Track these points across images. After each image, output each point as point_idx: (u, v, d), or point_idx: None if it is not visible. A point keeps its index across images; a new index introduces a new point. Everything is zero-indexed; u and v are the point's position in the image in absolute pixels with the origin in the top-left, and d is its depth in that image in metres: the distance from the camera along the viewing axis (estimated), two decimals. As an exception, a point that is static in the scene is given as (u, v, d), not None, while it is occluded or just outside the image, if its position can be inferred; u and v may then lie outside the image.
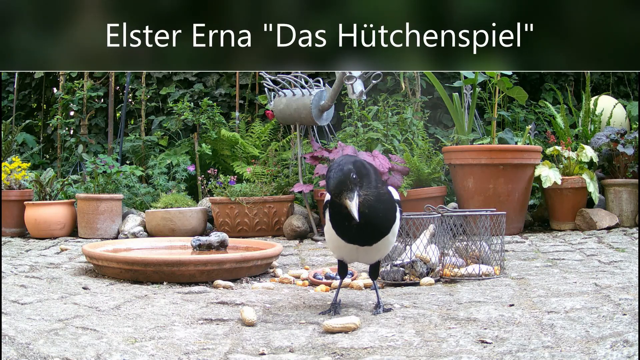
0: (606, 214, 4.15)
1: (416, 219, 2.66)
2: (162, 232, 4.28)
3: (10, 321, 1.82)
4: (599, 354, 1.45)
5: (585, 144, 4.44)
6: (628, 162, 4.28)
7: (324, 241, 4.01)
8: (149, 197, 4.77)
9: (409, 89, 5.16)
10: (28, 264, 3.08)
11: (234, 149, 5.25)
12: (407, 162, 4.18)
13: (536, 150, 4.10)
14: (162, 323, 1.92)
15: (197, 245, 3.14)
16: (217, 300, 2.27)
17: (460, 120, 4.40)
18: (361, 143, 4.51)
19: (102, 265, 2.78)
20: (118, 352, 1.55)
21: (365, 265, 3.03)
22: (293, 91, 4.31)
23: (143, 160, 5.40)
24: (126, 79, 5.63)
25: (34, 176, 4.58)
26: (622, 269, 2.61)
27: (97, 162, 4.57)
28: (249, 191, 4.36)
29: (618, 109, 4.95)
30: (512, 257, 3.09)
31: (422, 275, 2.54)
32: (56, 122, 5.60)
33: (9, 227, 4.50)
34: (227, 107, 6.09)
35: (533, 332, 1.68)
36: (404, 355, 1.54)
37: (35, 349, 1.55)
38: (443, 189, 4.21)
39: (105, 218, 4.37)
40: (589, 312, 1.85)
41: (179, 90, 6.13)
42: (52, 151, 6.59)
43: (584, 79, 5.50)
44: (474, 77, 4.19)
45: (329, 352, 1.59)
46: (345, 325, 1.77)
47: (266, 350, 1.61)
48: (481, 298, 2.16)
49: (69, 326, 1.83)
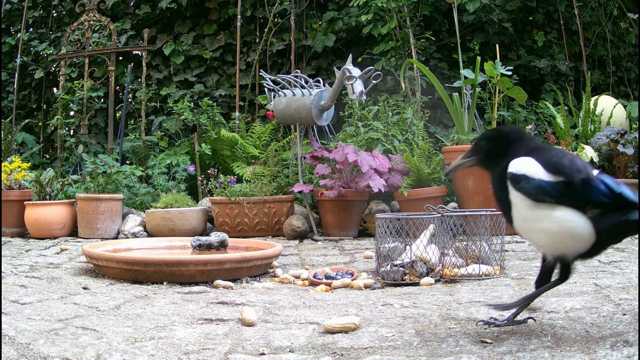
0: (606, 214, 4.14)
1: (416, 219, 2.66)
2: (162, 232, 4.28)
3: (10, 321, 1.82)
4: (599, 354, 1.44)
5: (586, 144, 4.44)
6: (628, 162, 4.27)
7: (324, 241, 4.01)
8: (149, 197, 4.77)
9: (409, 89, 5.16)
10: (28, 264, 3.08)
11: (234, 149, 5.25)
12: (407, 162, 4.18)
13: (536, 150, 4.10)
14: (162, 323, 1.92)
15: (197, 245, 3.14)
16: (217, 300, 2.27)
17: (460, 120, 4.40)
18: (361, 143, 4.51)
19: (102, 265, 2.78)
20: (118, 352, 1.55)
21: (365, 265, 3.03)
22: (293, 91, 4.31)
23: (143, 160, 5.40)
24: (126, 79, 5.63)
25: (34, 176, 4.58)
26: (622, 269, 2.61)
27: (97, 162, 4.57)
28: (249, 191, 4.36)
29: (618, 109, 4.95)
30: (512, 257, 3.09)
31: (422, 275, 2.54)
32: (56, 122, 5.60)
33: (9, 227, 4.50)
34: (227, 108, 6.09)
35: (533, 332, 1.68)
36: (404, 355, 1.54)
37: (35, 349, 1.55)
38: (443, 189, 4.21)
39: (105, 218, 4.37)
40: (589, 312, 1.85)
41: (179, 91, 6.14)
42: (52, 151, 6.59)
43: (584, 79, 5.50)
44: (474, 77, 4.18)
45: (329, 352, 1.59)
46: (345, 325, 1.77)
47: (266, 350, 1.61)
48: (481, 298, 2.16)
49: (69, 326, 1.83)
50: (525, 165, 1.60)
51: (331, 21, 5.93)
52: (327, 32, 5.91)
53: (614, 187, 1.55)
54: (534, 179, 1.57)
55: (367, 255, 3.26)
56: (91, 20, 5.83)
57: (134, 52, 6.39)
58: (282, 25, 6.13)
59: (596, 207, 1.55)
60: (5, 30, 7.05)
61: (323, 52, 5.97)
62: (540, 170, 1.58)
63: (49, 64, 6.75)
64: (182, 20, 6.40)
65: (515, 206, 1.62)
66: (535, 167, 1.59)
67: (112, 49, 5.75)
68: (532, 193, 1.57)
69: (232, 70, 6.20)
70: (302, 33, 6.11)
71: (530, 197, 1.57)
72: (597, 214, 1.54)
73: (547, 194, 1.56)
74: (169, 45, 6.20)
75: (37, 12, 6.94)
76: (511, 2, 5.78)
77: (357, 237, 4.16)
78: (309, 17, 6.16)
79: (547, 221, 1.56)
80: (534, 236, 1.63)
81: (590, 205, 1.54)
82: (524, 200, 1.59)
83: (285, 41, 6.08)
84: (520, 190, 1.59)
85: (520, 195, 1.59)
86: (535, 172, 1.58)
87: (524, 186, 1.58)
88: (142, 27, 6.19)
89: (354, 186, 4.06)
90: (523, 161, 1.61)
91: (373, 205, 4.35)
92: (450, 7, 5.37)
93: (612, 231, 1.55)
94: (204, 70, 6.27)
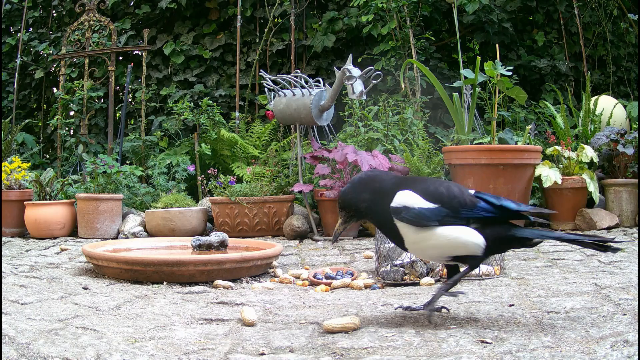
0: (606, 214, 4.15)
1: (416, 219, 2.66)
2: (162, 232, 4.28)
3: (10, 321, 1.82)
4: (599, 354, 1.44)
5: (585, 144, 4.44)
6: (628, 162, 4.28)
7: (324, 241, 4.01)
8: (149, 197, 4.77)
9: (409, 89, 5.16)
10: (28, 264, 3.08)
11: (234, 149, 5.25)
12: (407, 162, 4.18)
13: (536, 150, 4.10)
14: (162, 323, 1.92)
15: (197, 245, 3.14)
16: (217, 300, 2.27)
17: (460, 120, 4.40)
18: (361, 143, 4.51)
19: (102, 265, 2.78)
20: (118, 352, 1.55)
21: (365, 265, 3.03)
22: (293, 91, 4.31)
23: (143, 160, 5.40)
24: (126, 79, 5.64)
25: (34, 176, 4.58)
26: (622, 269, 2.61)
27: (97, 162, 4.57)
28: (249, 191, 4.36)
29: (618, 109, 4.95)
30: (512, 257, 3.09)
31: (422, 275, 2.54)
32: (56, 122, 5.60)
33: (9, 227, 4.50)
34: (227, 108, 6.09)
35: (533, 332, 1.68)
36: (404, 355, 1.54)
37: (35, 349, 1.55)
38: (443, 189, 4.20)
39: (105, 218, 4.37)
40: (589, 312, 1.85)
41: (179, 91, 6.14)
42: (52, 151, 6.59)
43: (584, 79, 5.50)
44: (474, 77, 4.18)
45: (329, 352, 1.59)
46: (345, 325, 1.77)
47: (266, 350, 1.61)
48: (481, 298, 2.16)
49: (69, 326, 1.83)
50: (404, 198, 1.81)
51: (331, 21, 5.93)
52: (327, 32, 5.91)
53: (495, 202, 1.82)
54: (414, 208, 1.79)
55: (367, 255, 3.26)
56: (91, 20, 5.83)
57: (134, 52, 6.40)
58: (282, 25, 6.13)
59: (479, 222, 1.80)
60: (5, 30, 7.05)
61: (323, 52, 5.98)
62: (419, 200, 1.80)
63: (49, 64, 6.75)
64: (182, 20, 6.41)
65: (404, 235, 1.83)
66: (413, 197, 1.80)
67: (112, 49, 5.75)
68: (414, 220, 1.79)
69: (232, 70, 6.20)
70: (302, 33, 6.11)
71: (412, 223, 1.79)
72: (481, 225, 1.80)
73: (429, 218, 1.78)
74: (169, 45, 6.21)
75: (37, 12, 6.94)
76: (511, 3, 5.78)
77: (357, 237, 4.16)
78: (309, 17, 6.16)
79: (435, 238, 1.79)
80: (427, 252, 1.86)
81: (472, 220, 1.80)
82: (409, 227, 1.80)
83: (285, 41, 6.08)
84: (403, 220, 1.80)
85: (404, 224, 1.80)
86: (415, 202, 1.79)
87: (405, 215, 1.79)
88: (142, 27, 6.19)
89: (354, 186, 4.06)
90: (402, 195, 1.81)
91: (373, 205, 4.34)
92: (450, 7, 5.37)
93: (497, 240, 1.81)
94: (204, 70, 6.27)
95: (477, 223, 1.80)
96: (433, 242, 1.79)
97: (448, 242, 1.79)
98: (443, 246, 1.80)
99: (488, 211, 1.79)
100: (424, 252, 1.86)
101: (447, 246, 1.79)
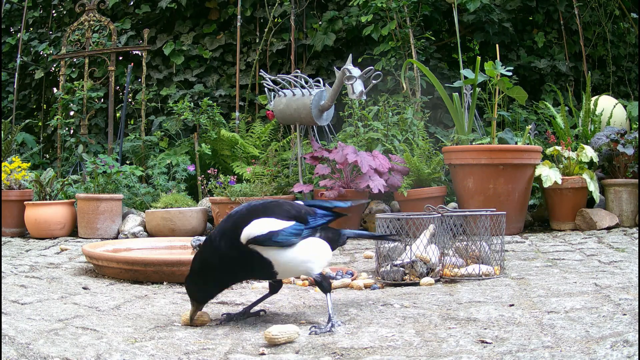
0: (606, 214, 4.15)
1: (416, 219, 2.66)
2: (162, 232, 4.28)
3: (10, 321, 1.82)
4: (599, 354, 1.44)
5: (586, 144, 4.44)
6: (628, 162, 4.27)
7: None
8: (149, 197, 4.77)
9: (409, 89, 5.16)
10: (28, 264, 3.08)
11: (234, 149, 5.25)
12: (407, 162, 4.18)
13: (536, 150, 4.10)
14: (162, 323, 1.92)
15: (197, 245, 3.14)
16: (216, 300, 2.27)
17: (460, 120, 4.40)
18: (361, 143, 4.51)
19: (102, 265, 2.78)
20: (118, 352, 1.55)
21: (365, 265, 3.03)
22: (293, 91, 4.31)
23: (143, 160, 5.40)
24: (126, 79, 5.63)
25: (34, 176, 4.58)
26: (622, 269, 2.61)
27: (97, 162, 4.57)
28: (249, 191, 4.36)
29: (618, 109, 4.95)
30: (512, 257, 3.09)
31: (422, 275, 2.54)
32: (56, 122, 5.60)
33: (9, 227, 4.50)
34: (227, 108, 6.09)
35: (533, 332, 1.68)
36: (404, 355, 1.54)
37: (35, 349, 1.55)
38: (443, 189, 4.21)
39: (105, 218, 4.37)
40: (589, 312, 1.85)
41: (179, 91, 6.14)
42: (52, 151, 6.59)
43: (584, 79, 5.50)
44: (474, 77, 4.19)
45: (329, 352, 1.59)
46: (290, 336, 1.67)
47: (266, 350, 1.61)
48: (481, 298, 2.16)
49: (69, 326, 1.83)
50: (260, 226, 1.81)
51: (331, 21, 5.93)
52: (327, 31, 5.91)
53: (328, 205, 1.99)
54: (283, 230, 1.82)
55: (367, 255, 3.26)
56: (91, 20, 5.83)
57: (134, 52, 6.40)
58: (282, 25, 6.13)
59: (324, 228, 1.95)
60: (5, 30, 7.06)
61: (323, 52, 5.97)
62: (276, 222, 1.83)
63: (49, 64, 6.75)
64: (182, 20, 6.41)
65: (273, 260, 1.83)
66: (270, 222, 1.82)
67: (112, 49, 5.75)
68: (284, 241, 1.82)
69: (232, 70, 6.20)
70: (302, 33, 6.11)
71: (282, 245, 1.82)
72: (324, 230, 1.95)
73: (297, 235, 1.85)
74: (169, 45, 6.21)
75: (37, 12, 6.94)
76: (511, 2, 5.77)
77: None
78: (309, 16, 6.16)
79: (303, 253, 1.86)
80: (299, 268, 1.89)
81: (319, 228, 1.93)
82: (276, 251, 1.82)
83: (285, 41, 6.08)
84: (276, 244, 1.81)
85: (274, 249, 1.82)
86: (276, 225, 1.82)
87: (276, 239, 1.81)
88: (142, 27, 6.19)
89: (354, 186, 4.06)
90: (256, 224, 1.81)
91: (373, 205, 4.35)
92: (450, 7, 5.37)
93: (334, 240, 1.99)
94: (204, 70, 6.27)
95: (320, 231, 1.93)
96: (302, 257, 1.85)
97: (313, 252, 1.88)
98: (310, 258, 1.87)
99: (326, 215, 1.94)
100: (297, 269, 1.89)
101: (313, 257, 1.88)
